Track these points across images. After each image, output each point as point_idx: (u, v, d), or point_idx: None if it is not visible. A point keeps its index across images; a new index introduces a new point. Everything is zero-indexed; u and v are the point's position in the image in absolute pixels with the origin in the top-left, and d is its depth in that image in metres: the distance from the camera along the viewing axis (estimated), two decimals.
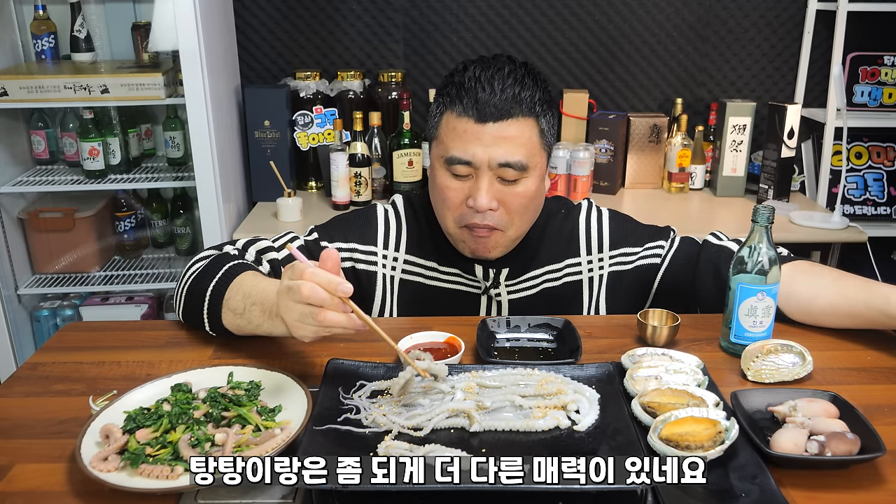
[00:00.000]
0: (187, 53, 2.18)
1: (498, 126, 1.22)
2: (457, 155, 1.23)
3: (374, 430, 0.91)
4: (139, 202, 2.73)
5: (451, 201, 1.27)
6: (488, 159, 1.22)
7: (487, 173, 1.23)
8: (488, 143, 1.22)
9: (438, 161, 1.28)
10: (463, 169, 1.24)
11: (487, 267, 1.35)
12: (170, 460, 0.87)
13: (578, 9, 2.72)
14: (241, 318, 1.13)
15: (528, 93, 1.23)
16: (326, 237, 1.36)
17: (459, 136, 1.23)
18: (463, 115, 1.23)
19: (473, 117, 1.22)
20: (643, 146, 2.71)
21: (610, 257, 1.40)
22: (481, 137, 1.22)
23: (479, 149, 1.22)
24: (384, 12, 2.71)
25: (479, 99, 1.21)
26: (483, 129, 1.22)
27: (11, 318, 2.47)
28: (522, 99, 1.22)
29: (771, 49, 2.78)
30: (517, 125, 1.22)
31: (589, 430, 0.92)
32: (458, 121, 1.24)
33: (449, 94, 1.26)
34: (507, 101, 1.21)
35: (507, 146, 1.22)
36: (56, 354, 1.20)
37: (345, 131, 2.53)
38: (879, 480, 0.88)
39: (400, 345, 1.14)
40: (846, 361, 1.17)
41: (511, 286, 1.37)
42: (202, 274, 1.21)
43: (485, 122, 1.21)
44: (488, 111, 1.21)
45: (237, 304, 1.14)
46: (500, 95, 1.21)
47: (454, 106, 1.24)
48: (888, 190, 2.77)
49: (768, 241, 1.14)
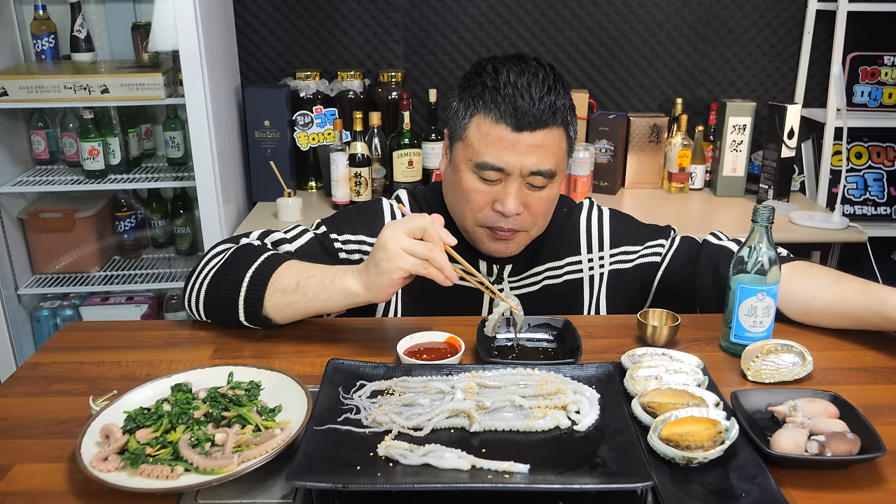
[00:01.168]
0: (187, 53, 2.18)
1: (533, 136, 1.22)
2: (490, 161, 1.23)
3: (374, 430, 0.91)
4: (139, 202, 2.73)
5: (477, 203, 1.27)
6: (521, 167, 1.22)
7: (518, 180, 1.24)
8: (522, 152, 1.22)
9: (466, 164, 1.26)
10: (493, 175, 1.24)
11: (491, 263, 1.36)
12: (170, 460, 0.86)
13: (578, 9, 2.72)
14: (294, 293, 1.16)
15: (561, 101, 1.23)
16: (335, 230, 1.36)
17: (494, 143, 1.22)
18: (500, 121, 1.21)
19: (511, 126, 1.21)
20: (643, 146, 2.72)
21: (610, 255, 1.41)
22: (516, 146, 1.22)
23: (513, 157, 1.22)
24: (384, 12, 2.71)
25: (518, 108, 1.20)
26: (519, 138, 1.21)
27: (11, 318, 2.47)
28: (557, 108, 1.22)
29: (771, 49, 2.78)
30: (551, 135, 1.23)
31: (589, 430, 0.92)
32: (493, 127, 1.22)
33: (482, 97, 1.24)
34: (545, 112, 1.21)
35: (540, 155, 1.23)
36: (56, 354, 1.20)
37: (345, 131, 2.53)
38: (879, 480, 0.88)
39: (400, 345, 1.14)
40: (846, 361, 1.17)
41: (514, 283, 1.38)
42: (231, 263, 1.21)
43: (521, 131, 1.21)
44: (527, 121, 1.20)
45: (287, 282, 1.17)
46: (538, 105, 1.20)
47: (489, 111, 1.23)
48: (888, 190, 2.77)
49: (768, 241, 1.14)
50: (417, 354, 1.14)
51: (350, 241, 1.36)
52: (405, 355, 1.12)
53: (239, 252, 1.23)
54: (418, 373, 1.04)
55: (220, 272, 1.22)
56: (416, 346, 1.16)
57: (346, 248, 1.35)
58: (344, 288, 1.14)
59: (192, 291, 1.25)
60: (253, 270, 1.19)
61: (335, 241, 1.35)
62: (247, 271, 1.19)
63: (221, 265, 1.23)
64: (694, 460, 0.86)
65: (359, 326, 1.31)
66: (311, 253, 1.31)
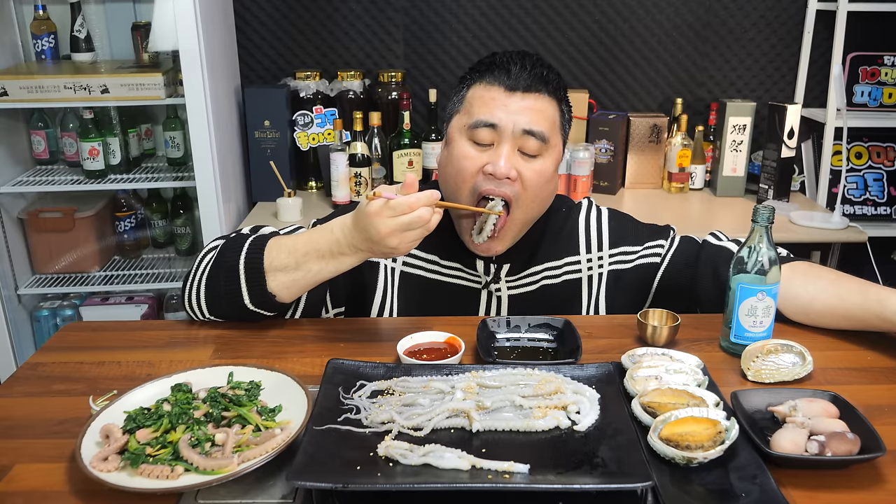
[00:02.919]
0: (187, 53, 2.18)
1: (525, 97, 1.26)
2: (483, 118, 1.25)
3: (374, 430, 0.91)
4: (139, 202, 2.73)
5: (468, 171, 1.27)
6: (513, 125, 1.24)
7: (510, 140, 1.25)
8: (515, 111, 1.25)
9: (460, 131, 1.29)
10: (486, 134, 1.26)
11: (489, 262, 1.35)
12: (170, 460, 0.86)
13: (578, 9, 2.72)
14: (297, 271, 1.18)
15: (553, 76, 1.29)
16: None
17: (486, 103, 1.26)
18: (493, 83, 1.27)
19: (504, 86, 1.26)
20: (643, 146, 2.72)
21: (609, 256, 1.40)
22: (508, 105, 1.25)
23: (505, 115, 1.25)
24: (384, 12, 2.71)
25: (511, 71, 1.26)
26: (511, 98, 1.25)
27: (11, 318, 2.47)
28: (549, 79, 1.28)
29: (771, 49, 2.78)
30: (543, 101, 1.27)
31: (589, 430, 0.92)
32: (486, 89, 1.27)
33: (479, 70, 1.30)
34: (537, 78, 1.26)
35: (532, 115, 1.25)
36: (56, 354, 1.20)
37: (345, 131, 2.53)
38: (879, 480, 0.88)
39: (400, 345, 1.14)
40: (846, 361, 1.17)
41: (511, 282, 1.37)
42: (222, 257, 1.23)
43: (514, 91, 1.25)
44: (519, 83, 1.25)
45: (284, 261, 1.19)
46: (530, 71, 1.26)
47: (483, 77, 1.28)
48: (888, 190, 2.77)
49: (768, 241, 1.14)
50: (417, 354, 1.14)
51: None
52: (405, 355, 1.12)
53: (228, 244, 1.25)
54: (418, 373, 1.04)
55: (215, 266, 1.24)
56: (416, 346, 1.16)
57: None
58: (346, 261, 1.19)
59: (191, 290, 1.26)
60: (244, 259, 1.21)
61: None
62: (239, 257, 1.21)
63: (215, 259, 1.24)
64: (694, 460, 0.86)
65: (359, 327, 1.31)
66: None
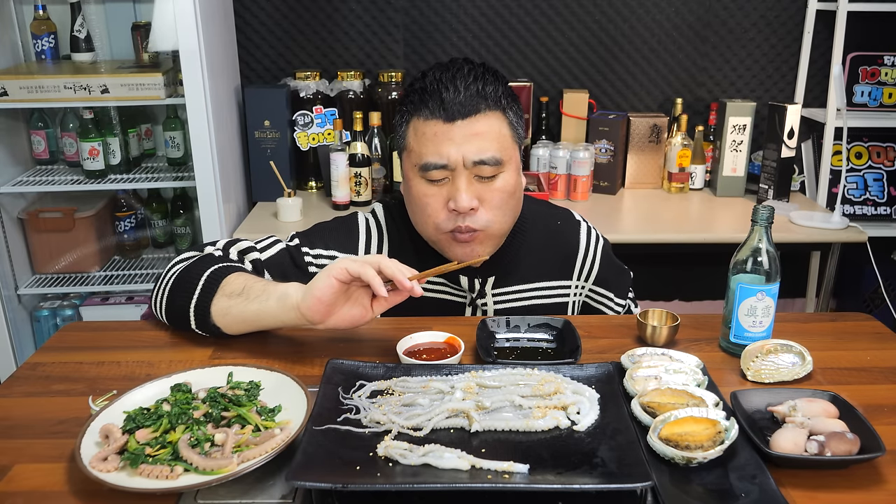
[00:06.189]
0: (187, 53, 2.18)
1: (467, 123, 1.19)
2: (431, 160, 1.20)
3: (373, 430, 0.91)
4: (139, 202, 2.73)
5: (431, 207, 1.23)
6: (462, 158, 1.20)
7: (464, 173, 1.21)
8: (460, 142, 1.19)
9: (412, 171, 1.25)
10: (439, 173, 1.21)
11: (472, 277, 1.33)
12: (169, 460, 0.86)
13: (578, 9, 2.72)
14: (238, 297, 1.15)
15: (490, 87, 1.22)
16: (308, 243, 1.34)
17: (430, 140, 1.21)
18: (430, 118, 1.20)
19: (441, 118, 1.20)
20: (643, 146, 2.72)
21: (590, 290, 1.44)
22: (452, 137, 1.19)
23: (452, 149, 1.20)
24: (384, 12, 2.71)
25: (445, 99, 1.19)
26: (453, 129, 1.19)
27: (11, 318, 2.47)
28: (487, 94, 1.21)
29: (771, 49, 2.78)
30: (486, 120, 1.21)
31: (589, 430, 0.92)
32: (426, 125, 1.21)
33: (412, 101, 1.23)
34: (473, 97, 1.20)
35: (479, 142, 1.20)
36: (56, 354, 1.20)
37: (345, 131, 2.53)
38: (879, 480, 0.88)
39: (399, 345, 1.14)
40: (846, 361, 1.17)
41: (499, 296, 1.36)
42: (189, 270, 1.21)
43: (453, 120, 1.19)
44: (455, 109, 1.19)
45: (235, 287, 1.16)
46: (464, 93, 1.19)
47: (420, 111, 1.22)
48: (888, 190, 2.77)
49: (768, 241, 1.14)
50: (417, 354, 1.14)
51: (322, 255, 1.34)
52: (405, 355, 1.12)
53: (198, 261, 1.23)
54: (418, 373, 1.04)
55: (178, 279, 1.22)
56: (416, 346, 1.16)
57: (316, 263, 1.33)
58: (283, 292, 1.12)
59: (156, 298, 1.26)
60: (206, 276, 1.18)
61: (306, 255, 1.32)
62: (201, 277, 1.18)
63: (181, 272, 1.22)
64: (693, 460, 0.86)
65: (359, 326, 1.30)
66: (280, 265, 1.30)
